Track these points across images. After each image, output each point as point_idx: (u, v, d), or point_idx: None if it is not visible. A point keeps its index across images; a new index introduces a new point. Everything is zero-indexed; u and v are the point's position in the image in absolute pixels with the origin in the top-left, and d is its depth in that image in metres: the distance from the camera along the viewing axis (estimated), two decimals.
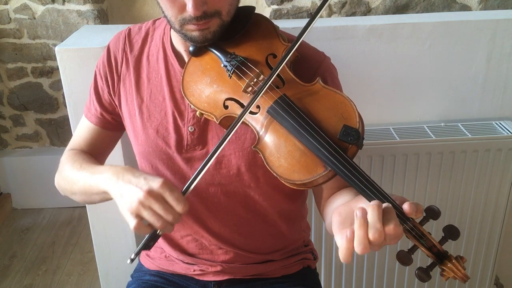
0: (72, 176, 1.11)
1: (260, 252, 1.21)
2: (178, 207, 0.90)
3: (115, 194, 0.96)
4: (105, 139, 1.22)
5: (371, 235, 0.76)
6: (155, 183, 0.90)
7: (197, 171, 0.92)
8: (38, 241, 2.68)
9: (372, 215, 0.77)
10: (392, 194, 0.83)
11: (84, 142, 1.21)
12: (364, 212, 0.78)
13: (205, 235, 1.17)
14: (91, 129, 1.20)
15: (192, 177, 0.93)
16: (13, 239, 2.71)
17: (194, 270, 1.21)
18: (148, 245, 0.93)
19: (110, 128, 1.20)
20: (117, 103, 1.16)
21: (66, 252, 2.58)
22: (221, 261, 1.19)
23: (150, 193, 0.90)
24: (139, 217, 0.91)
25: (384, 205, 0.79)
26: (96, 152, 1.22)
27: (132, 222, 0.91)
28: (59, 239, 2.69)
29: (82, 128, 1.22)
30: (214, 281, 1.21)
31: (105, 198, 1.04)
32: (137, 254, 0.92)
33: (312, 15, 0.92)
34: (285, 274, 1.25)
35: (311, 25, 0.91)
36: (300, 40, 0.92)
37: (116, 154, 1.59)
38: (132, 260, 0.92)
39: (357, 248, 0.77)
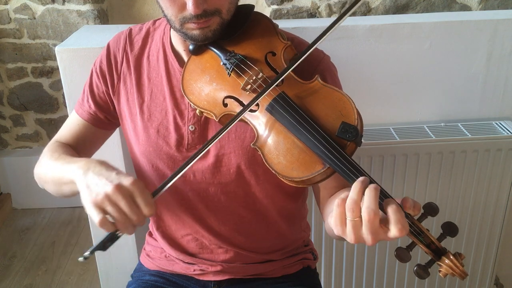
0: (47, 164, 1.09)
1: (260, 252, 1.21)
2: (146, 210, 0.86)
3: (81, 185, 0.91)
4: (94, 136, 1.21)
5: (365, 215, 0.76)
6: (127, 180, 0.87)
7: (177, 169, 0.90)
8: (38, 241, 2.68)
9: (369, 196, 0.77)
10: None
11: (71, 136, 1.19)
12: (365, 178, 0.79)
13: (205, 235, 1.17)
14: (81, 125, 1.19)
15: (168, 178, 0.90)
16: (13, 239, 2.71)
17: (194, 270, 1.21)
18: (104, 246, 0.88)
19: (101, 126, 1.19)
20: (115, 102, 1.16)
21: (66, 252, 2.58)
22: (221, 261, 1.19)
23: (119, 189, 0.85)
24: (103, 211, 0.86)
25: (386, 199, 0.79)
26: (81, 148, 1.19)
27: (97, 216, 0.86)
28: (59, 239, 2.69)
29: (71, 122, 1.21)
30: (214, 281, 1.21)
31: (74, 190, 0.97)
32: (92, 252, 0.88)
33: (331, 24, 0.91)
34: (285, 274, 1.25)
35: (327, 34, 0.91)
36: (311, 49, 0.92)
37: (116, 154, 1.59)
38: (85, 258, 0.87)
39: (348, 210, 0.77)
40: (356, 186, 0.78)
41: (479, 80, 1.65)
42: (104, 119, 1.18)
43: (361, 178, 0.79)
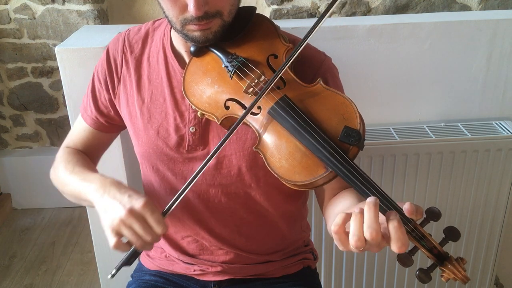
0: (63, 177, 1.13)
1: (260, 253, 1.21)
2: (158, 229, 0.91)
3: (99, 208, 0.98)
4: (100, 140, 1.23)
5: (368, 234, 0.75)
6: (138, 203, 0.92)
7: (183, 187, 0.94)
8: (38, 241, 2.68)
9: (369, 214, 0.76)
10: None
11: (79, 142, 1.23)
12: (362, 210, 0.78)
13: (205, 236, 1.17)
14: (86, 130, 1.22)
15: (174, 197, 0.94)
16: (13, 239, 2.70)
17: (194, 270, 1.21)
18: (129, 261, 0.95)
19: (104, 130, 1.21)
20: (117, 106, 1.16)
21: (66, 252, 2.58)
22: (221, 262, 1.19)
23: (132, 213, 0.91)
24: (119, 235, 0.93)
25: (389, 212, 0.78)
26: (90, 152, 1.23)
27: (111, 240, 0.93)
28: (59, 239, 2.69)
29: (78, 127, 1.24)
30: (214, 281, 1.21)
31: (92, 205, 1.04)
32: (118, 269, 0.95)
33: (319, 17, 0.91)
34: (285, 274, 1.25)
35: (317, 27, 0.90)
36: (304, 43, 0.91)
37: (116, 154, 1.59)
38: (113, 276, 0.95)
39: (352, 240, 0.76)
40: (356, 220, 0.77)
41: (479, 80, 1.65)
42: (106, 124, 1.19)
43: (357, 211, 0.77)
